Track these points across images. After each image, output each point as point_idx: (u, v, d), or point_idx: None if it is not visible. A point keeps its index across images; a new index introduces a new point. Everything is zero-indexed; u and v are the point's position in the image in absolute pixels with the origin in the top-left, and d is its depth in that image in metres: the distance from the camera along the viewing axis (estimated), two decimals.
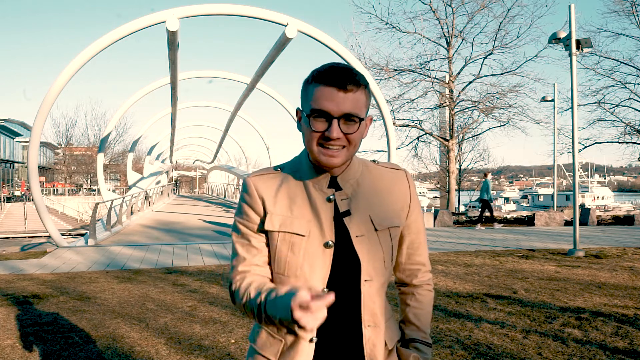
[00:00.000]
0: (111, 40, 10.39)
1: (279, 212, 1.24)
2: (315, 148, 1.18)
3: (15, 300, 5.51)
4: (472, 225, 15.42)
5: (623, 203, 50.82)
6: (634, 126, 21.58)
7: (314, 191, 1.24)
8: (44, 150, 59.87)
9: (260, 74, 14.12)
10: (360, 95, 1.17)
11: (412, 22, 24.66)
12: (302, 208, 1.24)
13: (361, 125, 1.18)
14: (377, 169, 1.32)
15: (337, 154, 1.17)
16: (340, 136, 1.15)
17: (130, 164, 28.23)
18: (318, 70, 1.19)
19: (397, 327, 1.36)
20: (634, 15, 20.24)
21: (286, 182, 1.27)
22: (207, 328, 4.41)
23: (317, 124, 1.16)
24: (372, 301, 1.23)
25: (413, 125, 22.38)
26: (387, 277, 1.28)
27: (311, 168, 1.26)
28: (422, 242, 1.37)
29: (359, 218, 1.24)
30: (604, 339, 4.01)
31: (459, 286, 6.13)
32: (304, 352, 1.20)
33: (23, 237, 27.08)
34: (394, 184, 1.31)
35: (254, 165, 55.63)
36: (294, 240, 1.22)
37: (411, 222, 1.33)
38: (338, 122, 1.15)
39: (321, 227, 1.22)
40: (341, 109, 1.14)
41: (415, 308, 1.36)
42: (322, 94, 1.15)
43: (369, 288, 1.22)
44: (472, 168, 31.33)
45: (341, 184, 1.25)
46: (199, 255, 8.97)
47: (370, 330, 1.24)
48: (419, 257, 1.37)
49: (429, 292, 1.39)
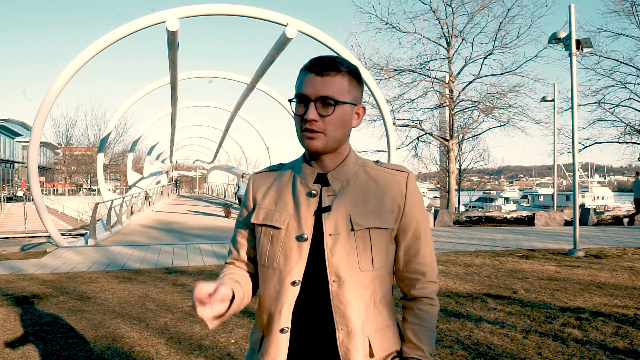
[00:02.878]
0: (111, 40, 10.39)
1: (264, 206, 1.31)
2: (299, 133, 1.23)
3: (15, 300, 5.51)
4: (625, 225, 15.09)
5: (623, 203, 50.80)
6: (634, 126, 21.58)
7: (300, 186, 1.28)
8: (44, 150, 59.87)
9: (260, 74, 14.13)
10: (341, 80, 1.21)
11: (412, 22, 24.72)
12: (286, 202, 1.28)
13: (339, 108, 1.21)
14: (376, 169, 1.30)
15: (316, 136, 1.21)
16: (315, 118, 1.19)
17: (130, 164, 28.25)
18: (306, 62, 1.25)
19: (398, 338, 1.29)
20: (634, 15, 20.25)
21: (280, 178, 1.33)
22: (207, 328, 4.40)
23: (298, 108, 1.23)
24: (343, 303, 1.19)
25: (413, 125, 22.39)
26: (371, 281, 1.22)
27: (303, 164, 1.30)
28: (421, 250, 1.29)
29: (338, 216, 1.22)
30: (604, 339, 4.01)
31: (459, 286, 6.13)
32: (277, 342, 1.22)
33: (23, 237, 27.09)
34: (388, 185, 1.27)
35: (254, 165, 55.66)
36: (273, 232, 1.26)
37: (406, 226, 1.27)
38: (315, 105, 1.19)
39: (299, 221, 1.24)
40: (317, 92, 1.19)
41: (414, 324, 1.28)
42: (303, 80, 1.22)
43: (337, 289, 1.20)
44: (472, 168, 31.34)
45: (330, 181, 1.26)
46: (199, 255, 8.97)
47: (344, 334, 1.20)
48: (417, 266, 1.29)
49: (431, 307, 1.30)
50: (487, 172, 43.04)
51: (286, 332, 1.22)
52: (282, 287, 1.22)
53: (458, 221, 17.03)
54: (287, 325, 1.21)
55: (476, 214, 19.21)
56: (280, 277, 1.23)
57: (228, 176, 32.94)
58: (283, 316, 1.21)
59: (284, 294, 1.21)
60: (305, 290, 1.22)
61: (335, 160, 1.27)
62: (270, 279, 1.25)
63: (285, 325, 1.21)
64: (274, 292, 1.24)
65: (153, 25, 10.48)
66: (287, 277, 1.22)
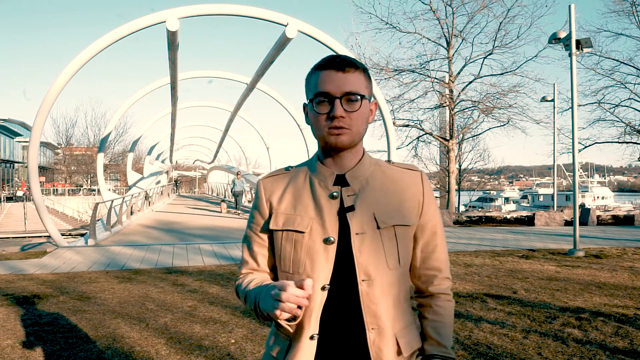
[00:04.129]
0: (111, 40, 10.39)
1: (282, 211, 1.27)
2: (324, 130, 1.20)
3: (15, 300, 5.51)
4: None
5: (623, 203, 50.78)
6: (634, 126, 21.57)
7: (319, 188, 1.25)
8: (44, 150, 59.87)
9: (260, 74, 14.12)
10: (360, 76, 1.21)
11: (412, 22, 24.75)
12: (306, 205, 1.25)
13: (363, 104, 1.21)
14: (391, 168, 1.30)
15: (344, 132, 1.19)
16: (343, 114, 1.18)
17: (130, 164, 28.23)
18: (318, 62, 1.24)
19: (419, 335, 1.30)
20: (634, 15, 20.24)
21: (294, 182, 1.30)
22: (207, 328, 4.41)
23: (320, 106, 1.20)
24: (373, 302, 1.19)
25: (413, 125, 22.38)
26: (398, 279, 1.23)
27: (319, 166, 1.27)
28: (438, 246, 1.31)
29: (362, 215, 1.22)
30: (604, 339, 4.01)
31: (459, 286, 6.13)
32: (305, 350, 1.19)
33: (23, 237, 27.09)
34: (406, 183, 1.28)
35: (254, 165, 55.60)
36: (296, 237, 1.23)
37: (425, 223, 1.28)
38: (340, 101, 1.18)
39: (323, 224, 1.21)
40: (341, 88, 1.18)
41: (434, 321, 1.29)
42: (323, 78, 1.20)
43: (367, 288, 1.19)
44: (472, 168, 31.35)
45: (349, 181, 1.25)
46: (199, 255, 8.97)
47: (375, 334, 1.19)
48: (434, 262, 1.31)
49: (449, 303, 1.32)
50: (487, 172, 43.05)
51: (315, 338, 1.19)
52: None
53: (458, 221, 17.03)
54: (316, 331, 1.19)
55: (476, 214, 19.21)
56: None
57: (228, 176, 32.92)
58: (312, 322, 1.19)
59: (312, 300, 1.18)
60: (332, 293, 1.20)
61: (353, 159, 1.26)
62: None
63: (314, 331, 1.19)
64: None
65: (153, 25, 10.48)
66: (316, 282, 1.19)
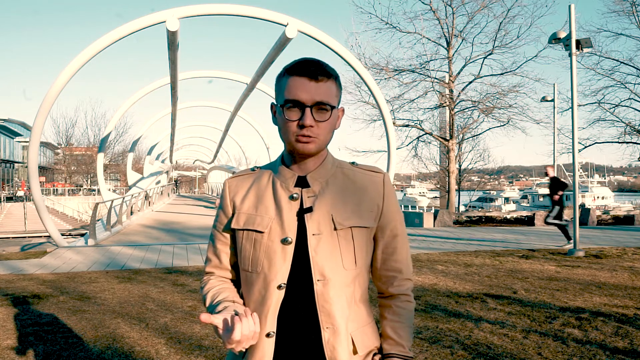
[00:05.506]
0: (111, 40, 10.39)
1: (244, 211, 1.29)
2: (291, 137, 1.21)
3: (15, 300, 5.51)
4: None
5: (623, 203, 50.77)
6: (634, 126, 21.57)
7: (280, 189, 1.27)
8: (44, 150, 59.87)
9: (260, 74, 14.12)
10: (331, 85, 1.22)
11: (412, 22, 24.81)
12: (267, 206, 1.27)
13: (332, 113, 1.22)
14: (353, 170, 1.32)
15: (311, 141, 1.21)
16: (313, 124, 1.19)
17: (130, 164, 28.23)
18: (290, 64, 1.23)
19: (377, 335, 1.32)
20: (634, 15, 20.24)
21: (258, 182, 1.32)
22: (207, 328, 4.40)
23: (291, 113, 1.20)
24: (328, 302, 1.21)
25: (413, 125, 22.39)
26: (353, 280, 1.25)
27: (283, 168, 1.30)
28: (398, 248, 1.32)
29: (320, 216, 1.24)
30: (604, 339, 4.01)
31: (459, 286, 6.13)
32: (263, 347, 1.21)
33: (23, 237, 27.09)
34: (366, 185, 1.30)
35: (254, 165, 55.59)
36: (255, 237, 1.26)
37: (384, 225, 1.30)
38: (311, 110, 1.19)
39: (282, 224, 1.23)
40: (313, 97, 1.19)
41: (393, 321, 1.31)
42: (295, 85, 1.19)
43: (322, 288, 1.21)
44: (472, 168, 31.34)
45: (310, 182, 1.27)
46: (199, 255, 8.97)
47: (329, 333, 1.21)
48: (394, 263, 1.32)
49: (409, 304, 1.33)
50: (487, 172, 43.05)
51: (272, 336, 1.21)
52: (267, 291, 1.22)
53: (458, 221, 17.03)
54: (273, 329, 1.22)
55: (476, 214, 19.22)
56: (265, 281, 1.23)
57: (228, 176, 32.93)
58: (269, 320, 1.22)
59: (269, 298, 1.22)
60: (289, 292, 1.22)
61: (316, 161, 1.28)
62: (255, 283, 1.25)
63: (271, 329, 1.21)
64: (259, 297, 1.24)
65: (153, 25, 10.48)
66: (273, 281, 1.22)
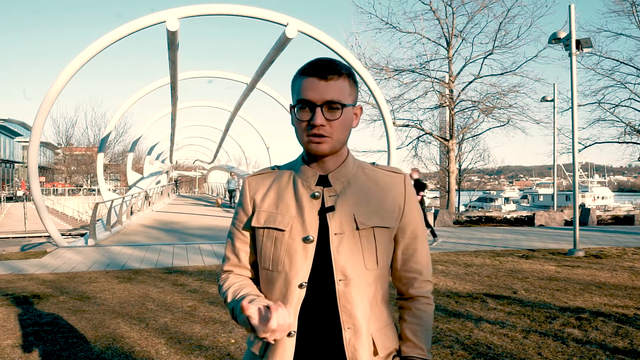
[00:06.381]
0: (111, 40, 10.38)
1: (265, 209, 1.29)
2: (304, 138, 1.22)
3: (15, 300, 5.51)
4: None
5: (623, 203, 50.76)
6: (634, 126, 21.57)
7: (302, 188, 1.27)
8: (44, 150, 59.86)
9: (260, 74, 14.11)
10: (343, 83, 1.21)
11: (412, 22, 24.85)
12: (288, 204, 1.27)
13: (345, 111, 1.21)
14: (374, 171, 1.32)
15: (324, 141, 1.20)
16: (323, 123, 1.19)
17: (130, 164, 28.21)
18: (303, 65, 1.24)
19: (397, 336, 1.32)
20: (634, 15, 20.24)
21: (278, 180, 1.32)
22: (207, 328, 4.41)
23: (302, 113, 1.21)
24: (349, 302, 1.20)
25: (413, 125, 22.39)
26: (375, 280, 1.24)
27: (304, 166, 1.29)
28: (418, 249, 1.32)
29: (342, 215, 1.23)
30: (604, 339, 4.01)
31: (459, 286, 6.13)
32: (284, 346, 1.21)
33: (23, 237, 27.07)
34: (387, 186, 1.30)
35: (254, 165, 55.68)
36: (276, 235, 1.25)
37: (405, 226, 1.30)
38: (321, 110, 1.19)
39: (303, 223, 1.23)
40: (323, 97, 1.19)
41: (412, 324, 1.30)
42: (306, 85, 1.20)
43: (344, 288, 1.20)
44: (472, 168, 31.32)
45: (332, 182, 1.27)
46: (199, 255, 8.97)
47: (350, 333, 1.21)
48: (414, 265, 1.32)
49: (428, 306, 1.33)
50: (487, 172, 43.00)
51: (293, 335, 1.20)
52: (288, 290, 1.22)
53: (458, 221, 17.03)
54: (294, 328, 1.21)
55: (476, 214, 19.22)
56: (286, 280, 1.22)
57: (228, 176, 32.96)
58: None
59: (290, 296, 1.21)
60: (310, 292, 1.22)
61: (336, 161, 1.27)
62: (276, 282, 1.24)
63: (292, 328, 1.20)
64: (280, 296, 1.23)
65: (153, 25, 10.47)
66: (294, 279, 1.21)
